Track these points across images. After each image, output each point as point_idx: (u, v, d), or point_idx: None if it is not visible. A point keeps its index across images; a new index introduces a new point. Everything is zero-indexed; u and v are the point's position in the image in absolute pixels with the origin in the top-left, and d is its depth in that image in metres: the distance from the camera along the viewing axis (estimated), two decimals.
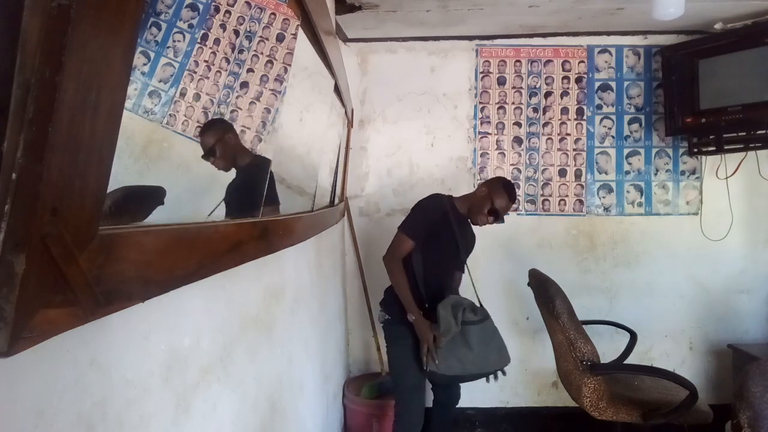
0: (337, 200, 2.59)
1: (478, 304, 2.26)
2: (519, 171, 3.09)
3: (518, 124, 3.09)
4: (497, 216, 2.21)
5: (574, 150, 3.07)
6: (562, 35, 3.03)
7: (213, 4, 0.88)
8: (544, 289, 2.29)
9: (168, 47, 0.79)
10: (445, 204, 2.26)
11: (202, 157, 0.91)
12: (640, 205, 3.06)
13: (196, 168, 0.92)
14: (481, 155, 3.09)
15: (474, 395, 3.01)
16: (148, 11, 0.75)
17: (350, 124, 2.96)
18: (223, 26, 0.91)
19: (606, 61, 3.05)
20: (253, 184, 1.11)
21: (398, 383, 2.27)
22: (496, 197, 2.20)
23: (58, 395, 0.52)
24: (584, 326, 2.25)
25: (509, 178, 3.06)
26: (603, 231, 3.07)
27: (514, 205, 2.50)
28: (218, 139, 0.99)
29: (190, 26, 0.83)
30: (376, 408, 2.71)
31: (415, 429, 2.21)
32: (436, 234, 2.21)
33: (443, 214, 2.22)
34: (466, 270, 2.44)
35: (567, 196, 3.08)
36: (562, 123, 3.07)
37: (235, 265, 0.93)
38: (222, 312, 1.01)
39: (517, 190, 3.05)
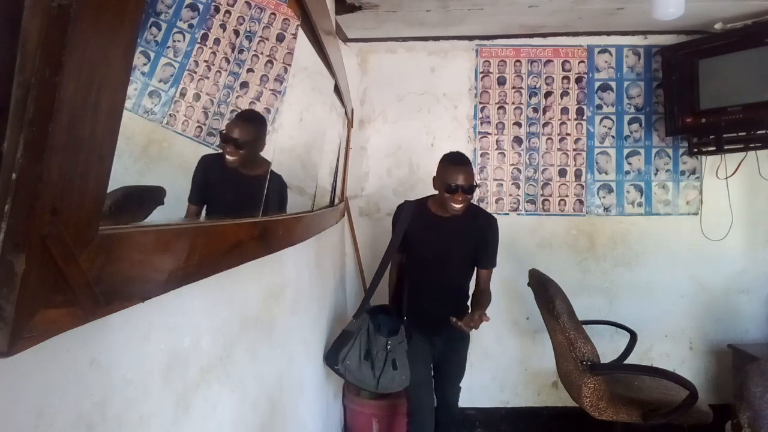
0: (337, 200, 2.59)
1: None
2: (519, 171, 3.09)
3: (518, 124, 3.09)
4: (458, 190, 1.99)
5: (574, 150, 3.07)
6: (562, 35, 3.03)
7: (213, 4, 0.88)
8: (544, 289, 2.29)
9: (168, 47, 0.79)
10: (399, 211, 2.26)
11: (222, 136, 0.88)
12: (640, 205, 3.06)
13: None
14: (481, 155, 3.09)
15: (474, 395, 3.01)
16: (148, 11, 0.75)
17: (350, 124, 2.96)
18: (223, 26, 0.91)
19: (606, 61, 3.05)
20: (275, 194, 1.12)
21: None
22: (445, 174, 2.03)
23: (58, 395, 0.52)
24: (584, 326, 2.25)
25: (509, 178, 3.09)
26: (603, 231, 3.07)
27: (477, 174, 2.56)
28: (254, 139, 0.98)
29: (190, 26, 0.83)
30: (376, 408, 2.71)
31: (426, 424, 2.24)
32: (406, 241, 2.23)
33: (402, 221, 2.22)
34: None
35: (567, 196, 3.08)
36: (562, 123, 3.07)
37: (235, 265, 0.93)
38: (222, 312, 1.01)
39: (516, 189, 3.08)
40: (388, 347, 2.15)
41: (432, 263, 2.20)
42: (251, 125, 0.98)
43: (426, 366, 2.28)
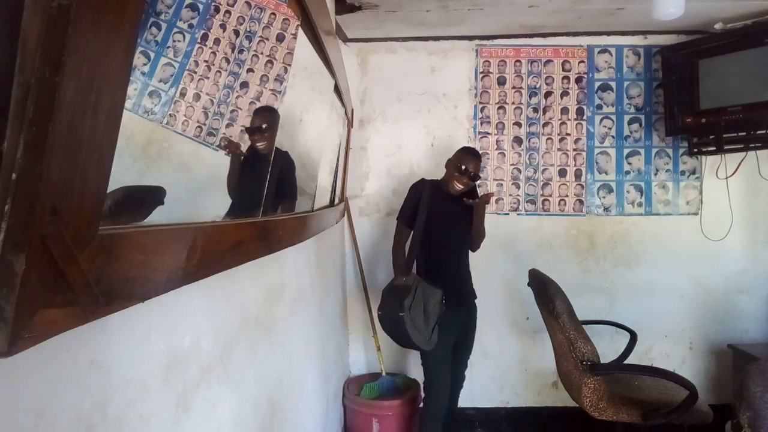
0: (337, 200, 2.59)
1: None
2: (519, 171, 3.09)
3: (518, 124, 3.09)
4: (467, 173, 2.37)
5: (574, 150, 3.07)
6: (562, 35, 3.03)
7: (213, 4, 0.88)
8: (544, 289, 2.29)
9: (168, 47, 0.79)
10: (422, 186, 2.46)
11: (247, 129, 0.98)
12: (640, 205, 3.06)
13: (196, 168, 0.92)
14: (481, 155, 3.08)
15: (474, 395, 3.02)
16: (148, 11, 0.75)
17: (350, 124, 2.96)
18: (223, 26, 0.91)
19: (606, 61, 3.05)
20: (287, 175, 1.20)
21: (428, 357, 2.40)
22: (459, 159, 2.40)
23: (58, 395, 0.52)
24: (584, 326, 2.25)
25: (509, 178, 3.09)
26: (603, 231, 3.07)
27: (482, 166, 2.75)
28: (271, 124, 1.10)
29: (190, 26, 0.83)
30: (376, 408, 2.71)
31: (441, 400, 2.36)
32: (422, 215, 2.39)
33: (419, 195, 2.41)
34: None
35: (567, 196, 3.08)
36: (562, 123, 3.07)
37: (235, 265, 0.93)
38: (222, 312, 1.01)
39: (516, 189, 3.08)
40: (444, 300, 2.28)
41: (449, 234, 2.42)
42: (267, 112, 1.07)
43: (448, 345, 2.38)
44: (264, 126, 1.05)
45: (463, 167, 2.37)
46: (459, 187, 2.39)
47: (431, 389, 2.40)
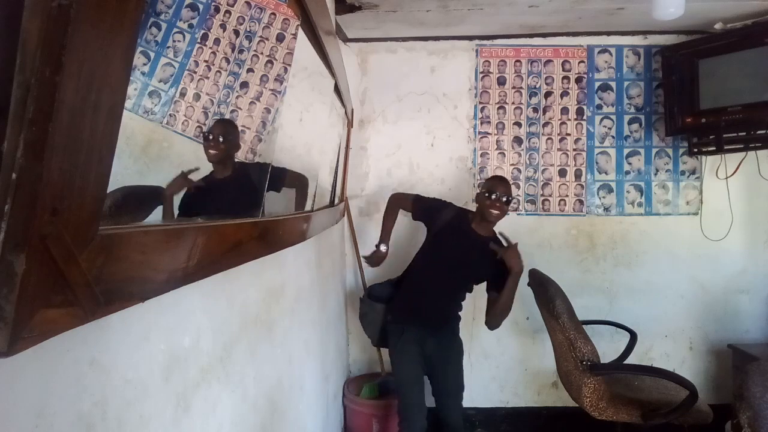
0: (337, 200, 2.59)
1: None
2: (519, 171, 3.09)
3: (518, 124, 3.09)
4: (498, 198, 2.20)
5: (574, 150, 3.07)
6: (562, 35, 3.03)
7: (213, 4, 0.88)
8: (544, 289, 2.29)
9: (168, 47, 0.79)
10: (453, 210, 2.38)
11: (205, 134, 0.91)
12: (640, 205, 3.06)
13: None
14: (481, 155, 3.09)
15: (474, 395, 3.01)
16: (148, 11, 0.75)
17: (350, 124, 2.96)
18: (223, 26, 0.91)
19: (606, 61, 3.05)
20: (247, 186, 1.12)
21: (395, 378, 2.40)
22: (487, 187, 2.26)
23: (58, 395, 0.52)
24: (584, 326, 2.25)
25: (509, 178, 3.08)
26: (603, 231, 3.07)
27: (514, 198, 2.59)
28: (232, 137, 1.02)
29: (190, 26, 0.83)
30: (376, 408, 2.71)
31: (416, 421, 2.27)
32: (435, 235, 2.34)
33: (443, 213, 2.35)
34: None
35: (567, 196, 3.08)
36: (562, 123, 3.07)
37: (235, 265, 0.93)
38: (222, 312, 1.01)
39: (516, 189, 3.08)
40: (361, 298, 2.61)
41: (446, 267, 2.30)
42: (228, 124, 1.00)
43: (415, 365, 2.30)
44: (221, 138, 0.98)
45: (491, 193, 2.21)
46: (494, 212, 2.21)
47: (400, 409, 2.32)
